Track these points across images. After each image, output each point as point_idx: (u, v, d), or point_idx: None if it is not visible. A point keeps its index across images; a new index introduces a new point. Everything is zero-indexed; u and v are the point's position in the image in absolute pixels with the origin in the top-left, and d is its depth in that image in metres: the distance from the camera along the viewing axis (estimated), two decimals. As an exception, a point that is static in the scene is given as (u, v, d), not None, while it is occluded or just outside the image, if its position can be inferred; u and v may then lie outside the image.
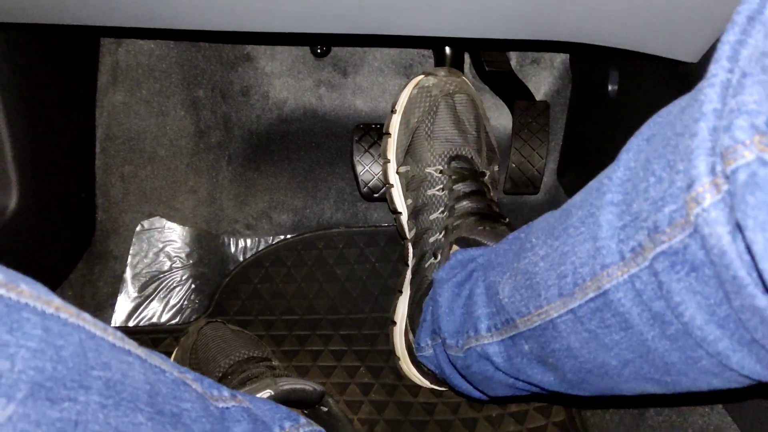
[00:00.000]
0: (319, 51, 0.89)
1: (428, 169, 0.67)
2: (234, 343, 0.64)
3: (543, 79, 0.90)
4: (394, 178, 0.71)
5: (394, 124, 0.71)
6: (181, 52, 0.86)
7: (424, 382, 0.70)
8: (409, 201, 0.69)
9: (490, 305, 0.52)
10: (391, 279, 0.82)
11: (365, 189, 0.83)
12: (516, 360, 0.50)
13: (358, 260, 0.84)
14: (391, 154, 0.71)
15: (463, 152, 0.67)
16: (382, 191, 0.83)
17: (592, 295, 0.39)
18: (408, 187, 0.69)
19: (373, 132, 0.83)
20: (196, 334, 0.65)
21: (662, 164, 0.33)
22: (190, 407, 0.34)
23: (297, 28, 0.59)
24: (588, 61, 0.82)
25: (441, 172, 0.66)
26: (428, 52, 0.90)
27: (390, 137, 0.71)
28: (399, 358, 0.70)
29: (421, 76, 0.71)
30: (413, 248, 0.69)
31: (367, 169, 0.83)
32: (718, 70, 0.29)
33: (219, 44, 0.88)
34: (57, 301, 0.28)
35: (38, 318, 0.27)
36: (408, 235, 0.70)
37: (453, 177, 0.66)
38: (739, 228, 0.28)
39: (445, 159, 0.67)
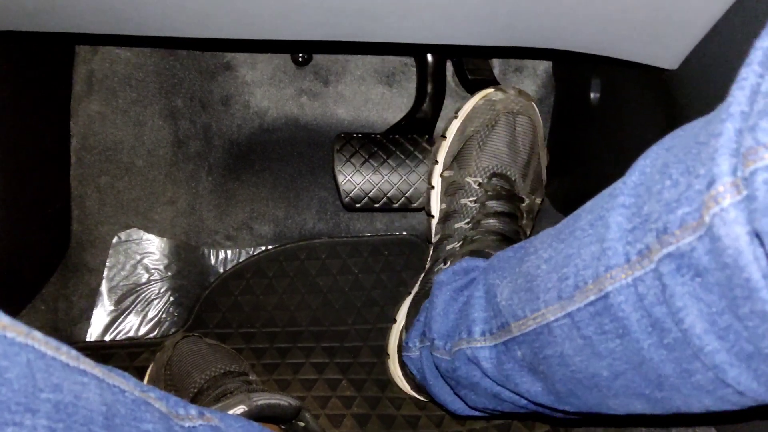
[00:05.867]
0: (300, 59, 0.88)
1: (468, 179, 0.66)
2: (210, 358, 0.62)
3: (526, 87, 0.89)
4: (437, 181, 0.71)
5: (452, 129, 0.70)
6: (159, 61, 0.85)
7: (405, 386, 0.70)
8: (443, 206, 0.69)
9: (487, 309, 0.51)
10: (374, 290, 0.81)
11: (347, 199, 0.82)
12: (506, 366, 0.49)
13: (341, 271, 0.82)
14: (441, 156, 0.70)
15: (508, 172, 0.66)
16: (364, 201, 0.82)
17: (592, 298, 0.38)
18: (446, 192, 0.69)
19: (354, 141, 0.82)
20: (171, 349, 0.64)
21: (681, 169, 0.33)
22: (151, 428, 0.33)
23: (276, 35, 0.58)
24: (570, 69, 0.81)
25: (479, 184, 0.65)
26: (410, 61, 0.89)
27: (445, 140, 0.71)
28: (389, 356, 0.70)
29: (491, 89, 0.70)
30: (433, 252, 0.69)
31: (348, 179, 0.81)
32: (748, 73, 0.29)
33: (198, 52, 0.87)
34: (4, 319, 0.27)
35: None
36: (433, 240, 0.70)
37: (489, 192, 0.65)
38: (756, 232, 0.27)
39: (488, 173, 0.66)
